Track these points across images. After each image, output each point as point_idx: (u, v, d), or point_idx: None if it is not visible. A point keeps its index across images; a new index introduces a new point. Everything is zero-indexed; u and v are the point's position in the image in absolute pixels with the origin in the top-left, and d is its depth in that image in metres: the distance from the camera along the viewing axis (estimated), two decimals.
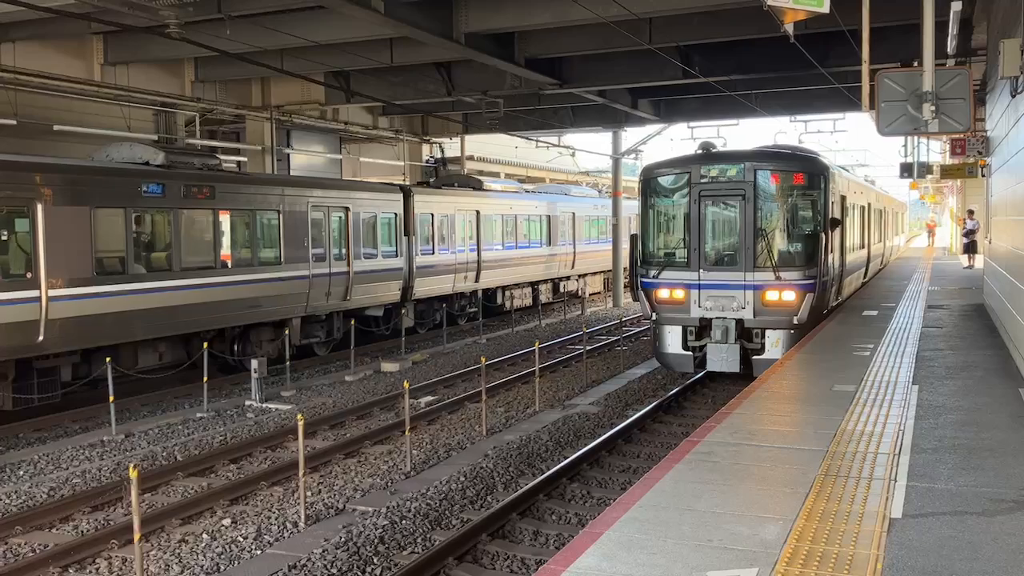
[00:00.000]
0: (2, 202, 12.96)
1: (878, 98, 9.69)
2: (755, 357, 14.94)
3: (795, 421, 8.54)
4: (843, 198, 17.25)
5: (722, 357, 14.92)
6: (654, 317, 15.76)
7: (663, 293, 15.55)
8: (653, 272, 15.68)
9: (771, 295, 14.87)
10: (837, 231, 16.24)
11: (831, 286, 16.12)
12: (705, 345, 15.19)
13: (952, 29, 12.94)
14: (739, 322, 14.98)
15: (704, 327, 15.30)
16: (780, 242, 15.20)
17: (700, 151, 16.15)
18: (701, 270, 15.24)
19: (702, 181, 15.36)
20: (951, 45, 13.84)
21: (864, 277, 23.45)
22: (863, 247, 22.18)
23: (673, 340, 15.58)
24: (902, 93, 9.47)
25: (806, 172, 15.34)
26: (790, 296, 14.79)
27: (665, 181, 15.99)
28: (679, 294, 15.39)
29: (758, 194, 15.05)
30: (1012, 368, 11.13)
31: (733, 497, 6.33)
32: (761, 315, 14.88)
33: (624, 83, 22.73)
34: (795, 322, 14.69)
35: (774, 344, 14.82)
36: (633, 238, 16.44)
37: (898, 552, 5.26)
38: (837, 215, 16.16)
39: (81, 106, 19.21)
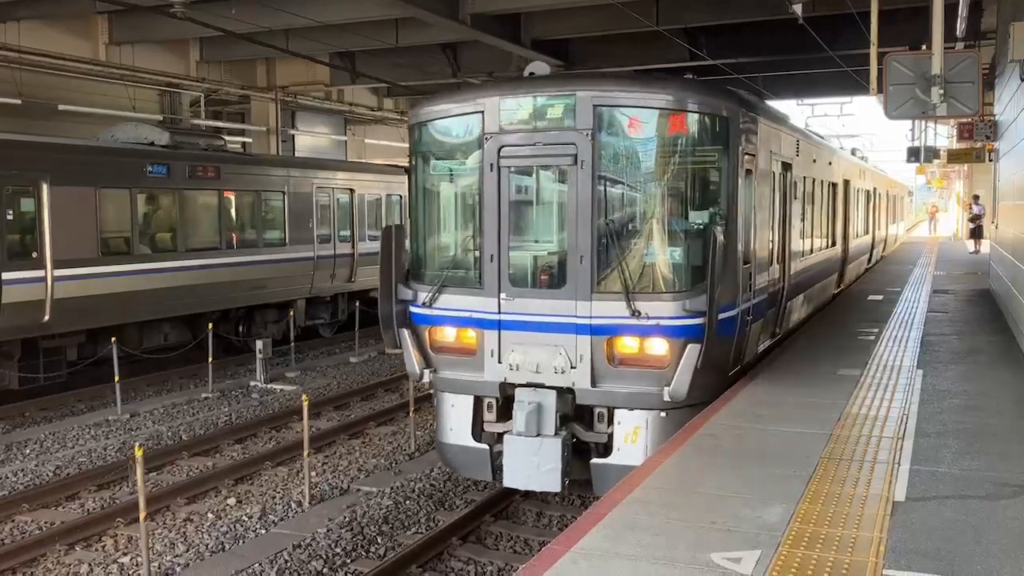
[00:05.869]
0: (8, 182, 12.97)
1: (886, 81, 9.64)
2: (596, 460, 8.31)
3: (799, 404, 8.54)
4: (787, 167, 10.81)
5: (530, 462, 8.05)
6: (426, 378, 8.86)
7: (444, 334, 8.77)
8: (424, 295, 8.72)
9: (626, 343, 8.17)
10: (767, 224, 9.87)
11: (755, 321, 9.47)
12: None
13: (962, 12, 12.87)
14: (566, 394, 8.26)
15: (511, 398, 8.39)
16: (642, 245, 8.39)
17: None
18: (503, 295, 8.39)
19: (504, 130, 8.37)
20: (960, 28, 13.75)
21: (837, 286, 16.89)
22: (834, 244, 15.46)
23: (458, 420, 8.72)
24: (910, 76, 9.41)
25: (694, 112, 8.38)
26: (659, 348, 8.09)
27: (444, 129, 9.02)
28: (470, 335, 8.60)
29: (601, 153, 8.17)
30: (1017, 353, 11.11)
31: (737, 479, 6.33)
32: (606, 380, 8.16)
33: (630, 65, 22.57)
34: (666, 397, 7.97)
35: (630, 437, 8.17)
36: (387, 232, 9.01)
37: (901, 535, 5.27)
38: (766, 193, 9.81)
39: (86, 86, 19.17)
